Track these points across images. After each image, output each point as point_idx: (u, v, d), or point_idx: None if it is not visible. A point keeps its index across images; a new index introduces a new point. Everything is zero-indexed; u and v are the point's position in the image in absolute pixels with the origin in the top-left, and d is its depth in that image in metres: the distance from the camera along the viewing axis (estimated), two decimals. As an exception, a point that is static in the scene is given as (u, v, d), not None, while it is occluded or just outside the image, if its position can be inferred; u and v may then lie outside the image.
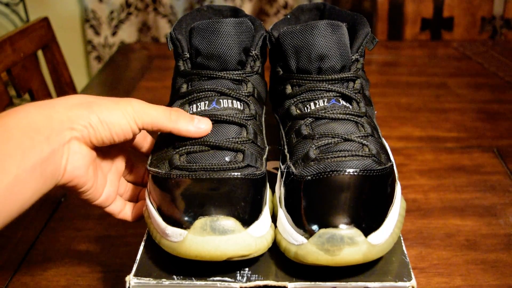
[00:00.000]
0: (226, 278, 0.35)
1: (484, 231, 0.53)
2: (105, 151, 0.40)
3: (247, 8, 1.64)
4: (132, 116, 0.36)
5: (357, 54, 0.44)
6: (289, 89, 0.44)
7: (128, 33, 1.71)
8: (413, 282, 0.34)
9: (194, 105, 0.41)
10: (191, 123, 0.39)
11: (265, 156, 0.41)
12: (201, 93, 0.41)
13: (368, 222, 0.34)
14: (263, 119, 0.46)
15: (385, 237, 0.34)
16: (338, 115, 0.40)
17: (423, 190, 0.61)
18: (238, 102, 0.41)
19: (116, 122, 0.36)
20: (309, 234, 0.34)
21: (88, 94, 0.37)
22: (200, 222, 0.32)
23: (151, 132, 0.42)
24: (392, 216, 0.36)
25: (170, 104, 0.44)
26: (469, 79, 0.98)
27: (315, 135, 0.39)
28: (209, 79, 0.42)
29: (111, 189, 0.41)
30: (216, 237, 0.32)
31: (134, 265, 0.36)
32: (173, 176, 0.36)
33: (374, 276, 0.35)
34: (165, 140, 0.41)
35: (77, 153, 0.35)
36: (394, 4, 1.36)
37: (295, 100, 0.43)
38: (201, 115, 0.40)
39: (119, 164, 0.43)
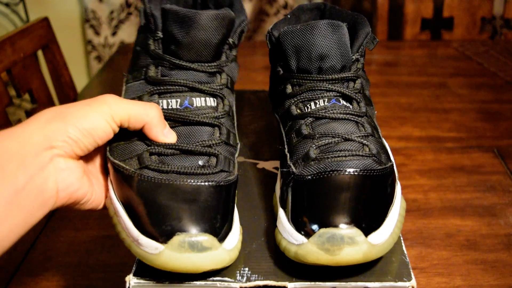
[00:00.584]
0: (226, 278, 0.35)
1: (484, 231, 0.53)
2: (90, 153, 0.39)
3: (247, 8, 1.64)
4: (109, 115, 0.35)
5: (357, 54, 0.43)
6: (289, 89, 0.44)
7: (128, 33, 1.71)
8: (413, 282, 0.34)
9: (165, 101, 0.40)
10: (161, 131, 0.37)
11: (236, 155, 0.41)
12: (172, 87, 0.40)
13: (368, 222, 0.34)
14: (234, 108, 0.45)
15: (385, 237, 0.34)
16: (339, 114, 0.40)
17: (423, 190, 0.61)
18: (212, 99, 0.41)
19: (95, 126, 0.34)
20: (309, 233, 0.34)
21: (88, 94, 0.36)
22: (178, 239, 0.32)
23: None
24: (392, 216, 0.36)
25: (132, 71, 0.43)
26: (469, 79, 0.98)
27: (316, 135, 0.39)
28: (180, 70, 0.41)
29: (98, 190, 0.39)
30: (193, 254, 0.32)
31: (134, 265, 0.36)
32: (144, 178, 0.35)
33: (374, 276, 0.35)
34: (132, 132, 0.38)
35: (64, 170, 0.33)
36: (394, 4, 1.36)
37: (296, 99, 0.43)
38: (172, 116, 0.39)
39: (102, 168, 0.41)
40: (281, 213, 0.38)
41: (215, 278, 0.35)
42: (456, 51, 1.16)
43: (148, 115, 0.36)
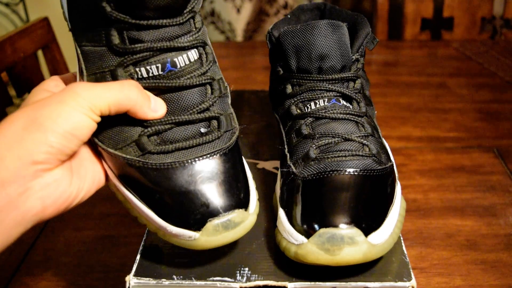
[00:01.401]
0: (226, 278, 0.35)
1: (484, 231, 0.53)
2: None
3: (247, 8, 1.64)
4: (87, 107, 0.30)
5: (357, 54, 0.43)
6: (289, 89, 0.43)
7: (128, 33, 1.70)
8: (413, 282, 0.34)
9: (144, 69, 0.34)
10: (148, 108, 0.33)
11: (229, 101, 0.39)
12: (148, 53, 0.34)
13: (368, 222, 0.34)
14: (211, 45, 0.39)
15: (385, 237, 0.34)
16: (339, 114, 0.40)
17: (423, 190, 0.61)
18: (193, 51, 0.35)
19: (77, 125, 0.30)
20: (309, 233, 0.34)
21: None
22: (211, 225, 0.32)
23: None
24: (392, 216, 0.36)
25: (84, 30, 0.35)
26: (469, 79, 0.98)
27: (316, 135, 0.39)
28: (149, 29, 0.34)
29: (96, 173, 0.36)
30: (229, 232, 0.33)
31: (134, 265, 0.36)
32: (152, 166, 0.33)
33: (374, 276, 0.35)
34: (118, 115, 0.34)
35: (50, 184, 0.30)
36: (394, 4, 1.36)
37: (296, 99, 0.43)
38: (158, 87, 0.34)
39: (87, 146, 0.37)
40: (281, 213, 0.38)
41: (215, 278, 0.35)
42: (456, 51, 1.16)
43: (130, 99, 0.32)
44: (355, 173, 0.36)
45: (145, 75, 0.34)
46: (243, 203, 0.34)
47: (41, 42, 0.91)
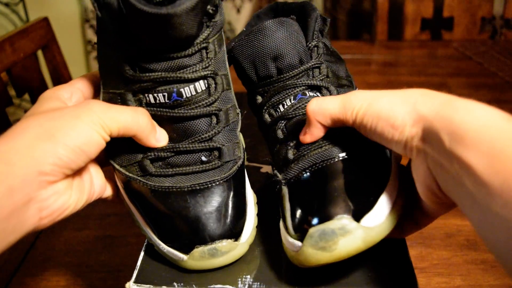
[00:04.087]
0: (228, 286, 0.35)
1: (484, 231, 0.53)
2: None
3: (247, 8, 1.64)
4: (99, 125, 0.31)
5: (314, 40, 0.41)
6: (259, 99, 0.42)
7: (128, 33, 1.71)
8: None
9: (152, 96, 0.35)
10: (153, 137, 0.35)
11: (239, 129, 0.39)
12: (154, 83, 0.34)
13: (358, 206, 0.31)
14: (227, 65, 0.40)
15: (383, 217, 0.32)
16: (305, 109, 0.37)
17: (423, 190, 0.61)
18: (201, 82, 0.35)
19: (88, 141, 0.30)
20: (302, 237, 0.32)
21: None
22: (198, 251, 0.34)
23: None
24: (389, 194, 0.33)
25: (106, 85, 0.36)
26: (469, 79, 0.98)
27: (289, 136, 0.38)
28: (156, 60, 0.34)
29: (97, 182, 0.36)
30: (216, 259, 0.35)
31: (135, 272, 0.36)
32: (150, 186, 0.35)
33: (378, 285, 0.34)
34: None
35: (51, 196, 0.30)
36: (394, 4, 1.36)
37: (266, 107, 0.41)
38: (163, 115, 0.35)
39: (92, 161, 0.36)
40: (280, 224, 0.37)
41: (216, 286, 0.35)
42: (456, 51, 1.16)
43: (139, 124, 0.33)
44: (332, 161, 0.34)
45: (152, 101, 0.35)
46: (234, 233, 0.35)
47: (41, 42, 0.91)
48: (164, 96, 0.35)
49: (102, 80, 0.37)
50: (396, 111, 0.29)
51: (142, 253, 0.38)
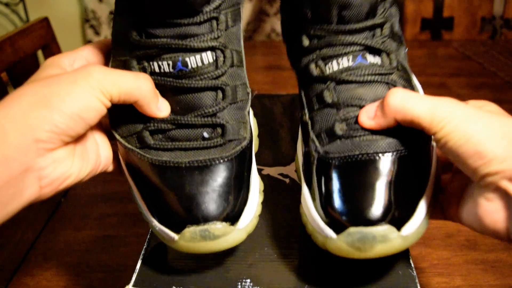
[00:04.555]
0: None
1: (484, 231, 0.53)
2: None
3: (247, 8, 1.64)
4: (98, 90, 0.30)
5: None
6: (306, 42, 0.36)
7: (128, 33, 1.71)
8: None
9: (156, 64, 0.34)
10: (155, 105, 0.33)
11: (248, 109, 0.36)
12: (159, 50, 0.33)
13: (402, 214, 0.31)
14: (241, 41, 0.37)
15: (418, 224, 0.31)
16: (366, 76, 0.34)
17: (423, 190, 0.61)
18: (209, 53, 0.34)
19: (86, 107, 0.29)
20: (337, 229, 0.31)
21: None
22: (189, 231, 0.31)
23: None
24: (427, 198, 0.32)
25: (115, 53, 0.36)
26: (469, 79, 0.98)
27: (340, 104, 0.34)
28: (163, 26, 0.33)
29: (101, 158, 0.35)
30: (207, 242, 0.32)
31: (134, 275, 0.36)
32: (147, 159, 0.33)
33: (378, 285, 0.34)
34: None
35: (50, 164, 0.29)
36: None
37: (315, 56, 0.36)
38: (166, 85, 0.34)
39: (96, 128, 0.36)
40: (305, 191, 0.35)
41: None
42: (456, 51, 1.16)
43: (141, 90, 0.32)
44: (388, 156, 0.31)
45: (157, 70, 0.34)
46: (231, 217, 0.32)
47: (41, 42, 0.91)
48: (168, 64, 0.33)
49: (112, 49, 0.36)
50: (490, 142, 0.27)
51: (141, 256, 0.38)
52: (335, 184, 0.32)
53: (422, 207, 0.32)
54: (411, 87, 0.36)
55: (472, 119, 0.28)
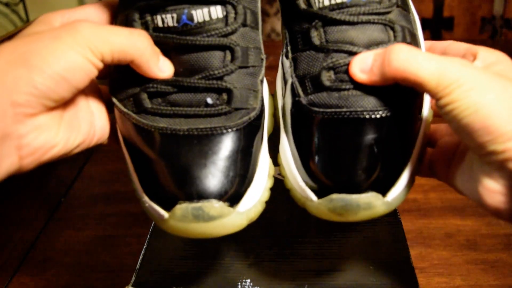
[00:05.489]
0: None
1: (484, 231, 0.53)
2: None
3: (247, 8, 1.64)
4: (87, 48, 0.26)
5: None
6: None
7: (128, 33, 1.70)
8: None
9: (159, 18, 0.30)
10: (155, 64, 0.29)
11: (261, 77, 0.32)
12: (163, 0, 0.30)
13: (387, 179, 0.28)
14: (259, 3, 0.33)
15: (403, 187, 0.29)
16: (361, 16, 0.29)
17: (423, 190, 0.61)
18: (218, 7, 0.30)
19: (70, 67, 0.25)
20: (319, 190, 0.28)
21: None
22: (180, 209, 0.27)
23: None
24: (412, 164, 0.29)
25: (119, 9, 0.32)
26: (469, 79, 0.98)
27: (329, 48, 0.30)
28: None
29: (95, 128, 0.31)
30: (199, 224, 0.27)
31: (133, 275, 0.36)
32: (142, 125, 0.29)
33: (378, 285, 0.34)
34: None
35: (30, 132, 0.25)
36: (394, 4, 1.36)
37: None
38: (168, 41, 0.30)
39: (91, 89, 0.32)
40: (283, 140, 0.32)
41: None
42: (456, 51, 1.16)
43: (136, 48, 0.28)
44: (377, 115, 0.28)
45: (160, 24, 0.30)
46: (230, 197, 0.28)
47: (41, 42, 0.91)
48: (172, 18, 0.29)
49: (118, 5, 0.32)
50: (501, 116, 0.24)
51: (141, 256, 0.38)
52: (319, 143, 0.29)
53: (408, 171, 0.29)
54: (410, 26, 0.32)
55: (484, 87, 0.25)
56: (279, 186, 0.46)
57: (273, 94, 0.37)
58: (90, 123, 0.30)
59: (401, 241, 0.38)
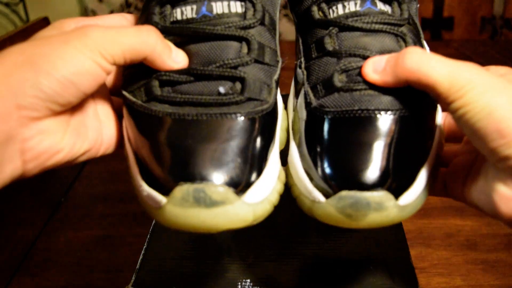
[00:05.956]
0: None
1: (484, 231, 0.53)
2: None
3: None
4: (97, 52, 0.26)
5: None
6: None
7: (128, 33, 1.71)
8: None
9: (179, 10, 0.30)
10: (168, 57, 0.29)
11: (275, 77, 0.32)
12: None
13: (401, 181, 0.27)
14: (277, 12, 0.34)
15: (417, 194, 0.28)
16: (374, 25, 0.30)
17: (423, 190, 0.61)
18: (238, 2, 0.30)
19: (78, 71, 0.25)
20: (327, 192, 0.27)
21: None
22: (181, 190, 0.25)
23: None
24: (428, 167, 0.29)
25: (143, 7, 0.33)
26: (469, 79, 0.98)
27: (342, 53, 0.30)
28: None
29: (103, 136, 0.31)
30: (201, 209, 0.25)
31: (134, 275, 0.36)
32: (150, 112, 0.28)
33: (378, 285, 0.34)
34: None
35: (35, 136, 0.25)
36: (394, 4, 1.36)
37: None
38: (185, 31, 0.30)
39: (102, 97, 0.31)
40: (293, 149, 0.31)
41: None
42: (456, 51, 1.16)
43: (148, 44, 0.28)
44: (391, 115, 0.28)
45: (179, 17, 0.30)
46: (237, 183, 0.25)
47: (41, 42, 0.91)
48: (192, 9, 0.30)
49: (142, 8, 0.33)
50: None
51: (141, 256, 0.38)
52: (328, 142, 0.28)
53: (422, 176, 0.28)
54: (421, 45, 0.32)
55: (497, 90, 0.24)
56: (285, 189, 0.46)
57: (285, 107, 0.37)
58: (97, 131, 0.30)
59: (401, 241, 0.38)
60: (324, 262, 0.36)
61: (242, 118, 0.28)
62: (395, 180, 0.27)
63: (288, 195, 0.41)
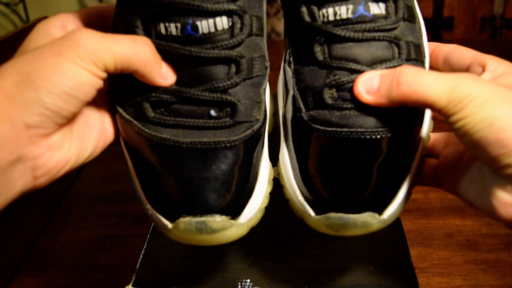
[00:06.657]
0: None
1: (484, 231, 0.53)
2: None
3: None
4: (89, 61, 0.25)
5: None
6: None
7: (128, 33, 1.70)
8: None
9: (163, 26, 0.29)
10: (158, 73, 0.29)
11: (264, 86, 0.32)
12: (167, 9, 0.29)
13: (384, 199, 0.29)
14: (264, 5, 0.32)
15: (400, 204, 0.30)
16: (366, 33, 0.29)
17: (423, 190, 0.61)
18: (223, 18, 0.29)
19: (75, 83, 0.25)
20: (316, 208, 0.29)
21: None
22: (184, 222, 0.28)
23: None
24: (409, 182, 0.30)
25: (118, 11, 0.31)
26: (469, 79, 0.98)
27: (332, 65, 0.29)
28: None
29: (102, 129, 0.31)
30: (203, 236, 0.28)
31: (134, 275, 0.36)
32: (145, 134, 0.29)
33: (378, 285, 0.34)
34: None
35: (45, 152, 0.26)
36: (394, 4, 1.36)
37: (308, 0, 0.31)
38: (172, 52, 0.29)
39: (99, 94, 0.31)
40: (283, 150, 0.32)
41: (214, 290, 0.34)
42: (456, 51, 1.16)
43: (140, 57, 0.27)
44: (378, 136, 0.28)
45: (163, 32, 0.29)
46: (232, 210, 0.29)
47: (41, 42, 0.91)
48: (176, 27, 0.28)
49: (116, 6, 0.32)
50: None
51: (141, 256, 0.38)
52: (319, 161, 0.30)
53: (404, 188, 0.29)
54: (416, 38, 0.32)
55: (497, 100, 0.24)
56: (279, 187, 0.46)
57: (274, 94, 0.37)
58: (100, 127, 0.30)
59: (401, 241, 0.38)
60: (323, 262, 0.36)
61: (234, 146, 0.29)
62: (379, 200, 0.29)
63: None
